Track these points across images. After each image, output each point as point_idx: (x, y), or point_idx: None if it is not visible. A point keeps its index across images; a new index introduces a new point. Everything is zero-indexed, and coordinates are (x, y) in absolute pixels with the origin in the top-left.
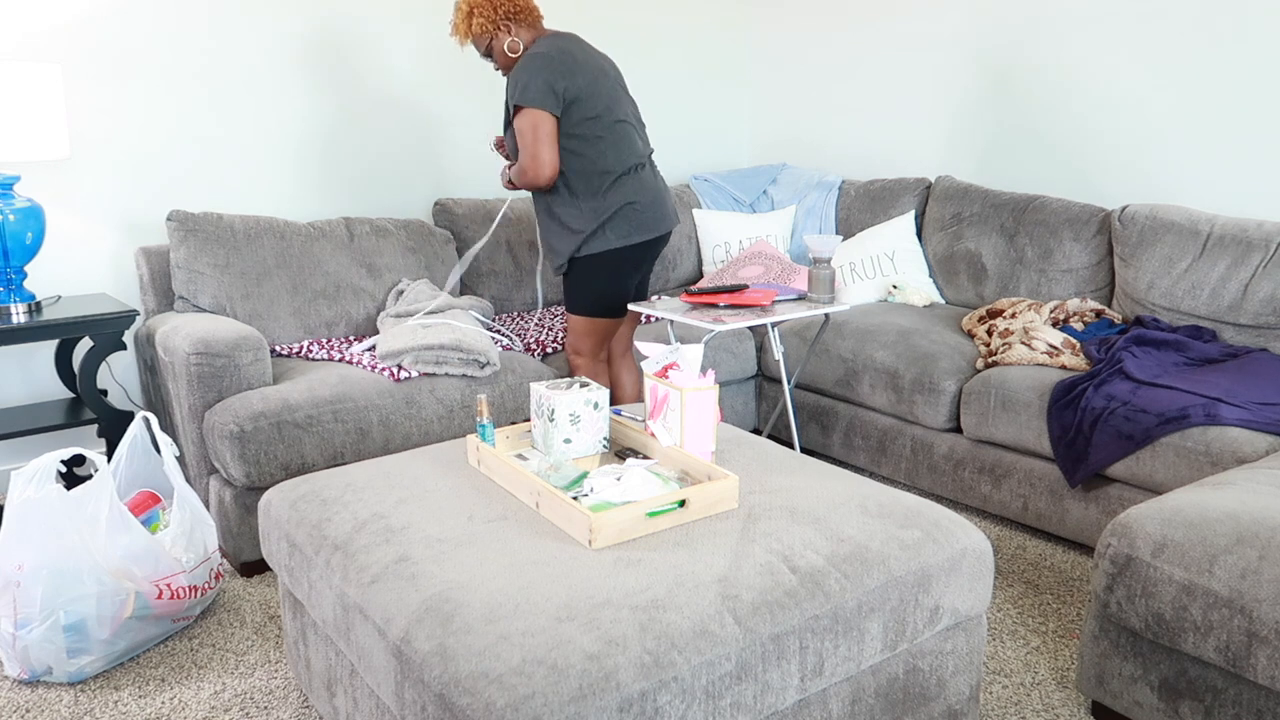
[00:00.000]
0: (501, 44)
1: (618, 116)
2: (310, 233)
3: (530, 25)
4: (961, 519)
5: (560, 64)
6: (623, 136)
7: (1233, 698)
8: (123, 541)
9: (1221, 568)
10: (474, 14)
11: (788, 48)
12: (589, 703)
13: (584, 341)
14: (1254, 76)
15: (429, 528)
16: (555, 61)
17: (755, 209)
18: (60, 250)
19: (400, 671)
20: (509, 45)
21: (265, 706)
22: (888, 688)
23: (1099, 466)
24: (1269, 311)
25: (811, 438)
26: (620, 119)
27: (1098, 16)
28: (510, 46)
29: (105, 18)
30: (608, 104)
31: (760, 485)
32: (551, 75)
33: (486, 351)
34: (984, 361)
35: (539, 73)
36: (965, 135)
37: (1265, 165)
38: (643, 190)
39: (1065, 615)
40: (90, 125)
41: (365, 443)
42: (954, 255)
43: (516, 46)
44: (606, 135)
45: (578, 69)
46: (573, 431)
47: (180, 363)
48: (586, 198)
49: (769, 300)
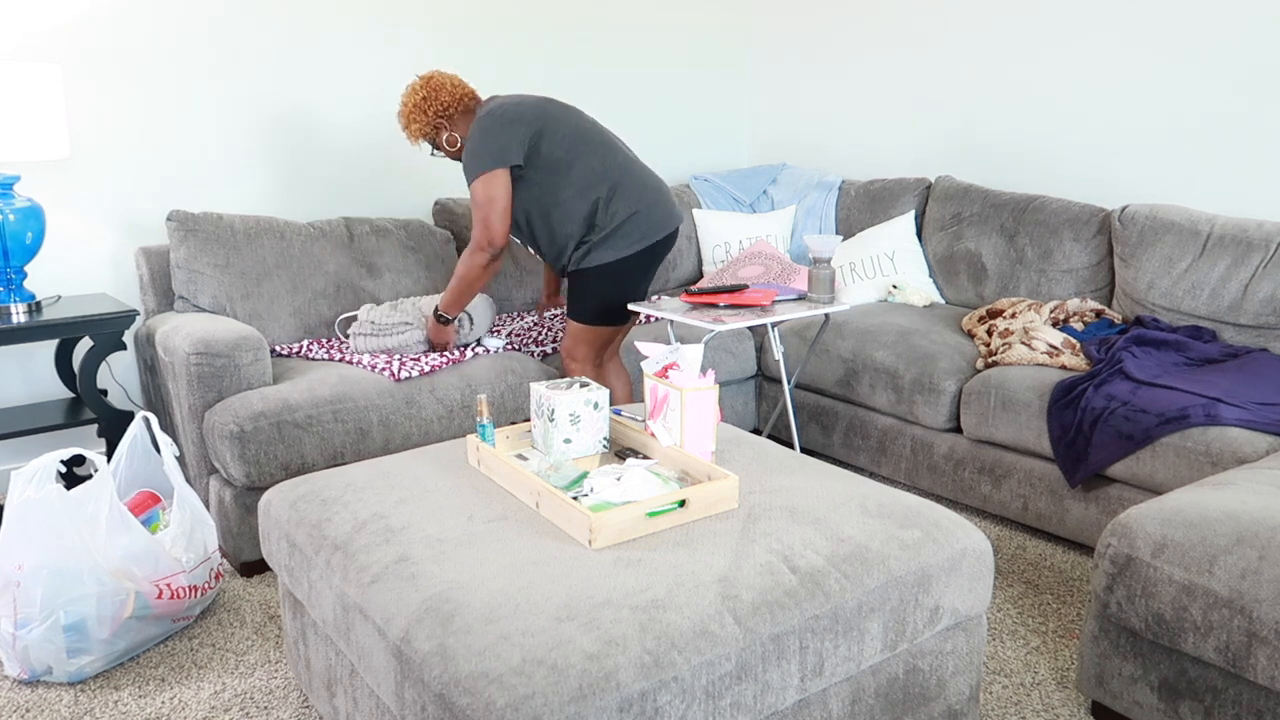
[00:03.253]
0: (441, 140)
1: (588, 129)
2: (310, 233)
3: (465, 112)
4: (961, 519)
5: (500, 118)
6: (604, 145)
7: (1233, 698)
8: (123, 541)
9: (1221, 568)
10: (411, 119)
11: (788, 48)
12: (589, 703)
13: (581, 347)
14: (1254, 76)
15: (429, 528)
16: (496, 119)
17: (755, 209)
18: (60, 250)
19: (400, 671)
20: (447, 140)
21: (265, 706)
22: (888, 688)
23: (1099, 466)
24: (1269, 311)
25: (811, 438)
26: (592, 133)
27: (1098, 17)
28: (449, 140)
29: (105, 18)
30: (574, 124)
31: (760, 485)
32: (496, 132)
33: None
34: (984, 361)
35: (483, 136)
36: (965, 135)
37: (1265, 165)
38: (643, 193)
39: (1065, 615)
40: (90, 125)
41: (365, 443)
42: (954, 255)
43: (454, 140)
44: (583, 147)
45: (522, 110)
46: (573, 431)
47: (180, 363)
48: (579, 214)
49: (769, 300)
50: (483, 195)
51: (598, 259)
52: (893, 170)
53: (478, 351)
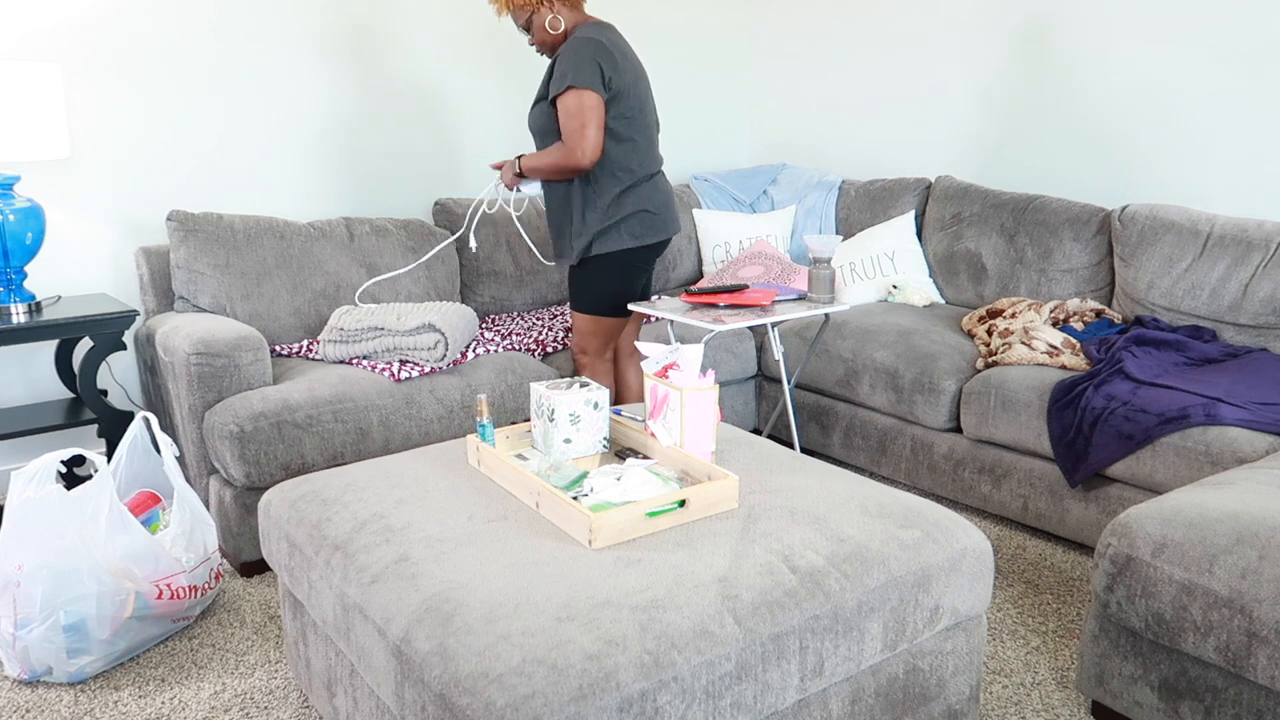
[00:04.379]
0: (543, 19)
1: (649, 120)
2: (310, 233)
3: (573, 6)
4: (961, 519)
5: (611, 55)
6: (651, 141)
7: (1233, 698)
8: (123, 541)
9: (1221, 568)
10: None
11: (788, 47)
12: (589, 703)
13: (590, 341)
14: (1254, 76)
15: (429, 528)
16: (607, 52)
17: (755, 209)
18: (60, 250)
19: (400, 671)
20: (550, 22)
21: (265, 706)
22: (888, 688)
23: (1099, 466)
24: (1269, 311)
25: (811, 438)
26: (650, 123)
27: (1098, 17)
28: (551, 23)
29: (105, 18)
30: (642, 105)
31: (760, 485)
32: (605, 62)
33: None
34: (984, 361)
35: (593, 57)
36: (965, 135)
37: (1265, 165)
38: (656, 196)
39: (1065, 615)
40: (90, 125)
41: (365, 443)
42: (954, 255)
43: (557, 24)
44: (638, 137)
45: (625, 64)
46: (573, 431)
47: (180, 363)
48: (605, 194)
49: (769, 300)
50: (581, 107)
51: (601, 248)
52: (893, 170)
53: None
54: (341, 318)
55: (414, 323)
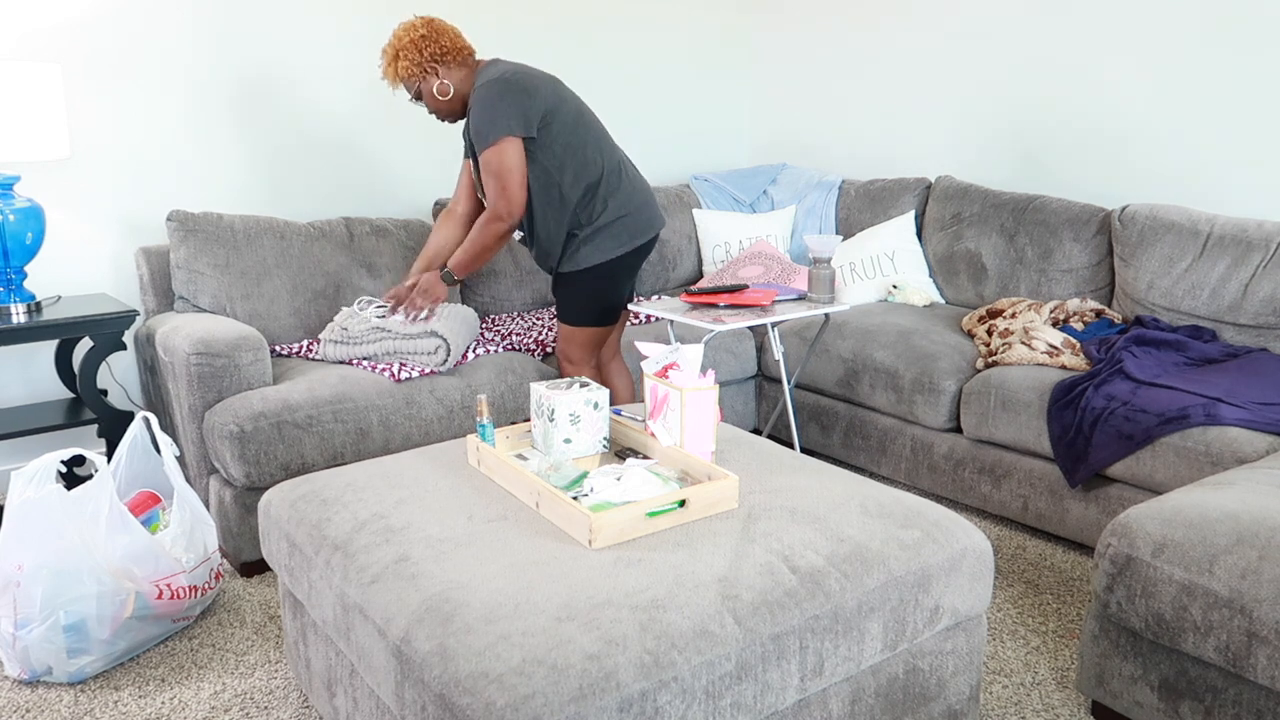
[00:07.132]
0: (430, 86)
1: (588, 119)
2: (310, 233)
3: (461, 64)
4: (961, 519)
5: (519, 84)
6: (601, 135)
7: (1233, 698)
8: (123, 541)
9: (1221, 568)
10: (399, 57)
11: (788, 48)
12: (589, 703)
13: (576, 349)
14: (1254, 76)
15: (429, 528)
16: (513, 84)
17: (755, 209)
18: (60, 250)
19: (400, 671)
20: (438, 88)
21: (265, 706)
22: (888, 688)
23: (1099, 466)
24: (1269, 311)
25: (811, 438)
26: (590, 121)
27: (1098, 17)
28: (440, 89)
29: (105, 18)
30: (576, 107)
31: (760, 485)
32: (515, 97)
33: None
34: (984, 361)
35: (501, 100)
36: (965, 135)
37: (1265, 165)
38: (634, 195)
39: (1065, 615)
40: (90, 125)
41: (365, 443)
42: (954, 255)
43: (446, 89)
44: (587, 137)
45: (538, 83)
46: (573, 431)
47: (180, 363)
48: (579, 206)
49: (769, 300)
50: (500, 163)
51: (586, 260)
52: (893, 170)
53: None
54: (347, 319)
55: (416, 327)
